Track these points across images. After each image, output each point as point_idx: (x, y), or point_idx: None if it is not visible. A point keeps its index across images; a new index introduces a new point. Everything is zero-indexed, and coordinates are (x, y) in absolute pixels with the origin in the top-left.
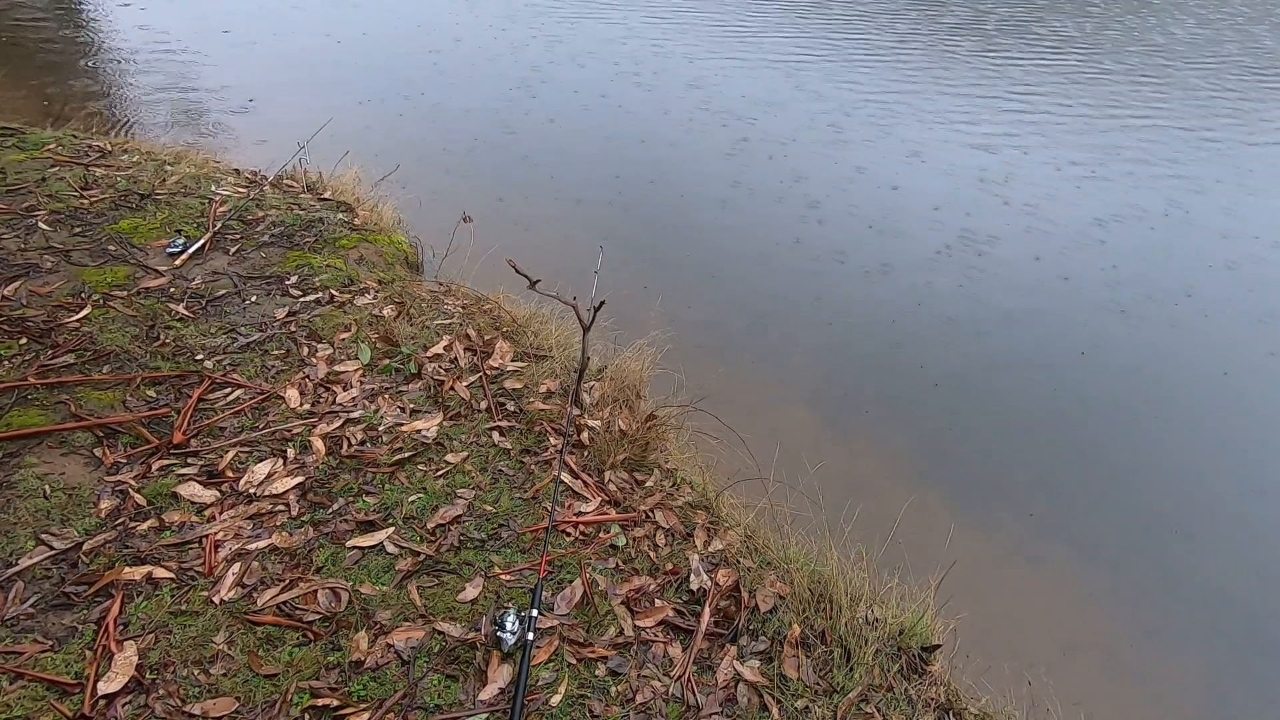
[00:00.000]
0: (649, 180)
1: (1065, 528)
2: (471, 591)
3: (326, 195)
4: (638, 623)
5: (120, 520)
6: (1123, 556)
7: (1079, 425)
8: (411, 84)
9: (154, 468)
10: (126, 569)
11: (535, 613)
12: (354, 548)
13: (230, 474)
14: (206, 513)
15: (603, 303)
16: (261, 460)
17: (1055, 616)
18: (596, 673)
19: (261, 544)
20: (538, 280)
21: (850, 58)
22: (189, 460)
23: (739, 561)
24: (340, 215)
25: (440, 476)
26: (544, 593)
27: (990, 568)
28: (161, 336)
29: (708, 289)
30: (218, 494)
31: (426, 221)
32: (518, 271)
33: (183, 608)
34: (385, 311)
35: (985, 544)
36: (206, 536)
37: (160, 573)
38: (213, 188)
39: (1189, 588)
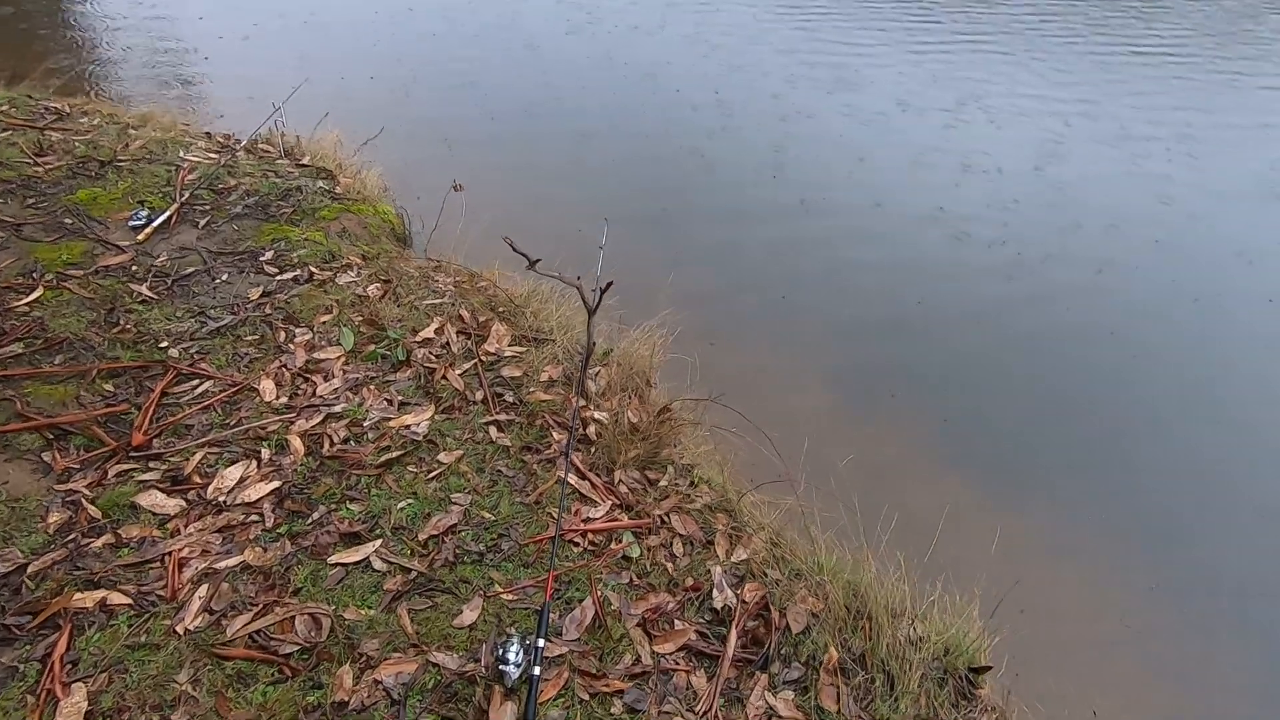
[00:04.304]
0: (647, 136)
1: (1101, 515)
2: (469, 614)
3: (305, 161)
4: (656, 648)
5: (71, 536)
6: (1162, 545)
7: (1114, 407)
8: (394, 43)
9: (110, 474)
10: (77, 594)
11: (542, 642)
12: (337, 564)
13: (197, 479)
14: (170, 526)
15: (610, 283)
16: (233, 463)
17: (1094, 611)
18: (612, 710)
19: (232, 561)
20: (538, 260)
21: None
22: (150, 464)
23: (765, 573)
24: (320, 183)
25: (432, 479)
26: (550, 613)
27: (1024, 559)
28: (121, 321)
29: (720, 261)
30: (183, 503)
31: (414, 189)
32: (515, 250)
33: (141, 640)
34: (370, 290)
35: (1020, 535)
36: (170, 554)
37: (116, 598)
38: (181, 153)
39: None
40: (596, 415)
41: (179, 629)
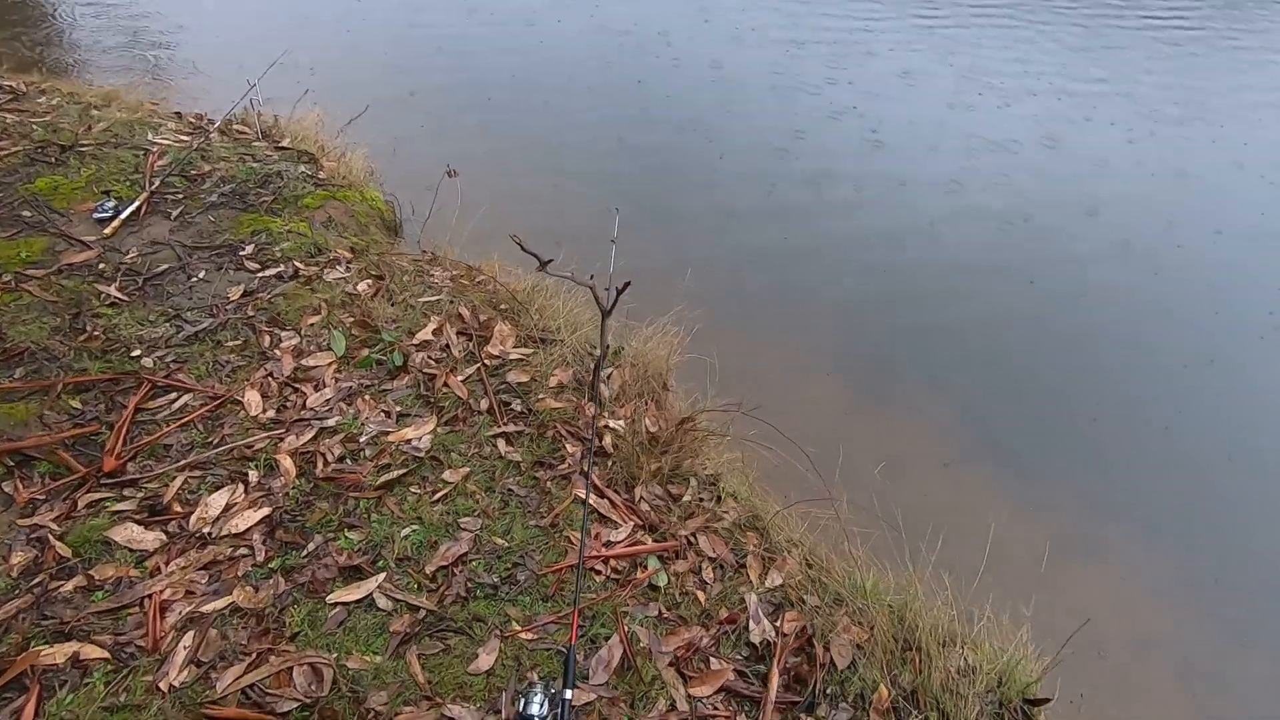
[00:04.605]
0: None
1: (1125, 506)
2: (486, 659)
3: (285, 143)
4: (692, 691)
5: (38, 580)
6: (1189, 537)
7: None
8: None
9: (81, 505)
10: (45, 649)
11: (569, 693)
12: (337, 604)
13: (178, 508)
14: (149, 563)
15: (627, 283)
16: (217, 488)
17: (1124, 609)
18: None
19: (220, 603)
20: (550, 260)
21: None
22: (125, 492)
23: (803, 599)
24: (302, 167)
25: (438, 501)
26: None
27: (1051, 557)
28: (89, 328)
29: (733, 251)
30: (162, 537)
31: (403, 172)
32: (524, 250)
33: (120, 700)
34: (361, 288)
35: (1041, 531)
36: (150, 597)
37: (91, 651)
38: (149, 136)
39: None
40: (612, 424)
41: (162, 685)
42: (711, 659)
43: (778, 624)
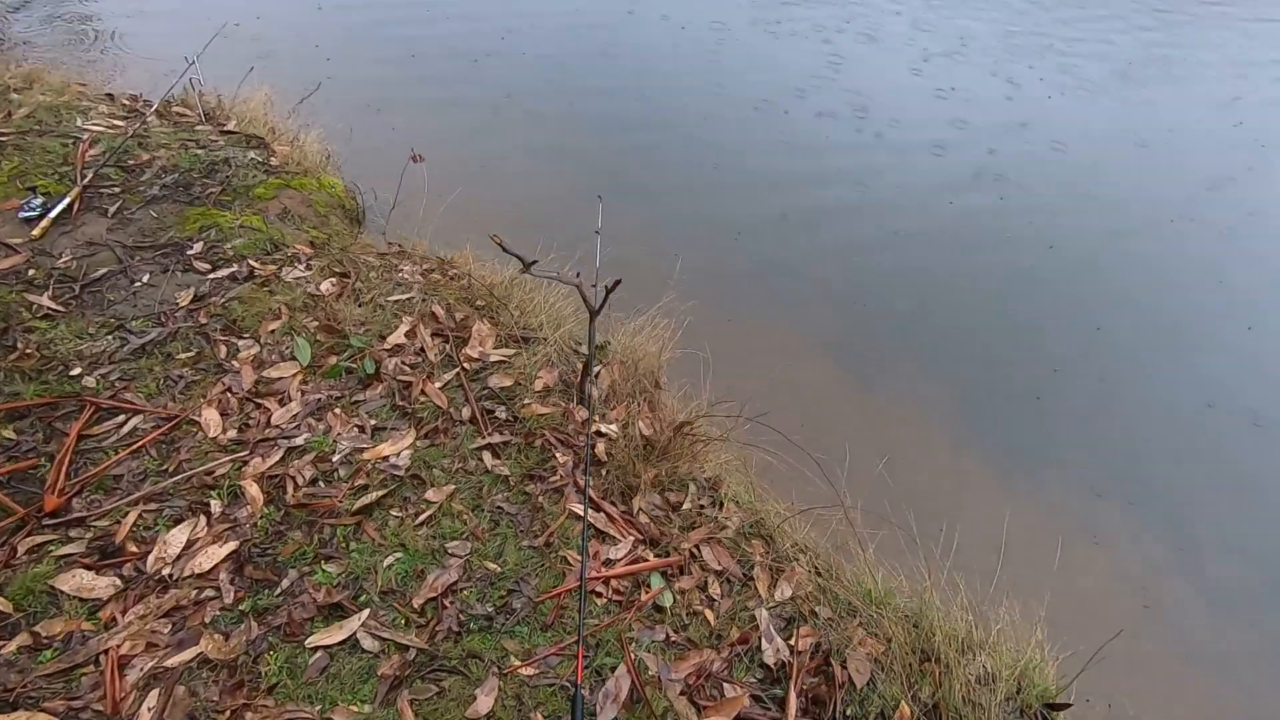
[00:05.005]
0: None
1: (1120, 486)
2: (485, 701)
3: (231, 126)
4: None
5: None
6: (1184, 516)
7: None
8: None
9: (21, 551)
10: None
11: None
12: (317, 648)
13: (133, 548)
14: (103, 614)
15: (618, 281)
16: (176, 522)
17: (1122, 592)
18: None
19: (186, 655)
20: (534, 261)
21: None
22: (72, 533)
23: (815, 612)
24: (252, 153)
25: (422, 524)
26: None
27: (1049, 540)
28: (20, 344)
29: (726, 236)
30: (117, 582)
31: (363, 154)
32: (506, 250)
33: None
34: (324, 287)
35: (1039, 513)
36: (106, 652)
37: None
38: (78, 122)
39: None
40: (604, 429)
41: None
42: (725, 684)
43: (791, 641)
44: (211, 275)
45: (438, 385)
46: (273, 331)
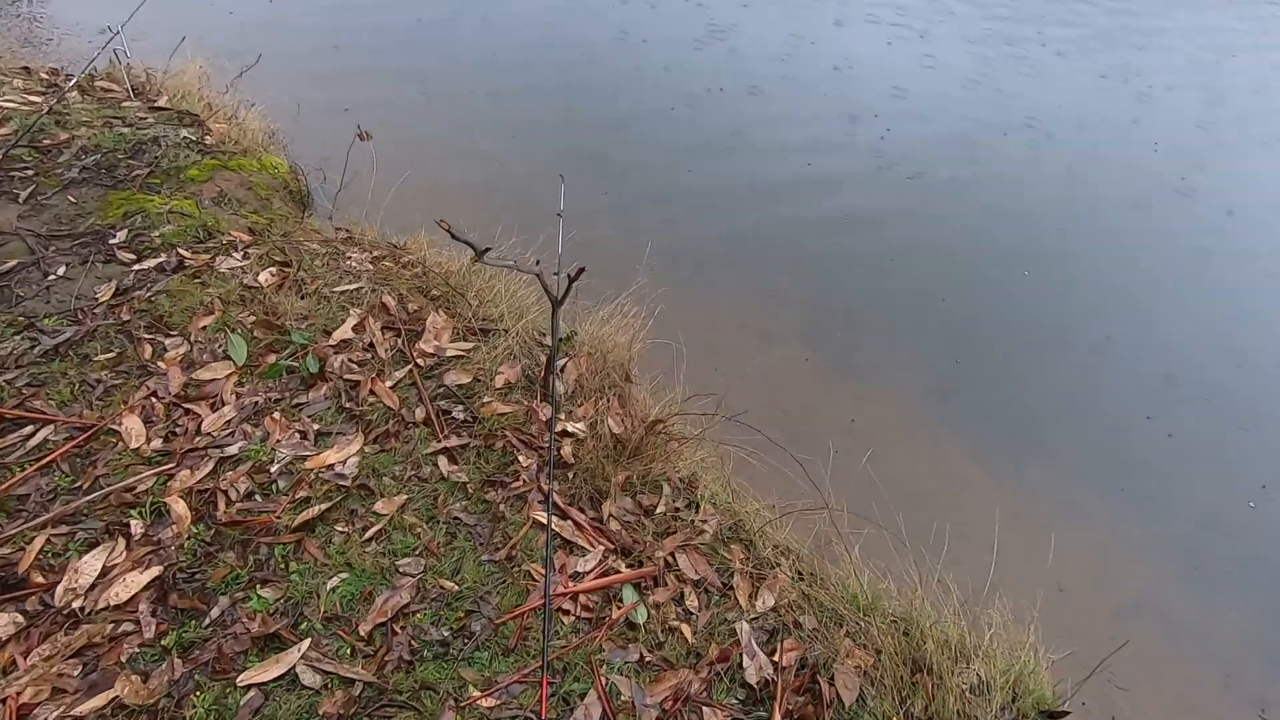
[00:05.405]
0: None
1: (1099, 468)
2: None
3: (162, 103)
4: None
5: None
6: (1167, 499)
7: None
8: None
9: None
10: None
11: None
12: (250, 686)
13: (39, 579)
14: (3, 656)
15: (581, 269)
16: (90, 547)
17: (1106, 576)
18: None
19: (99, 701)
20: (486, 249)
21: None
22: None
23: (799, 622)
24: (185, 132)
25: (370, 540)
26: (549, 714)
27: (1028, 525)
28: None
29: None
30: (19, 618)
31: (311, 133)
32: (456, 238)
33: None
34: (263, 278)
35: (1016, 498)
36: (4, 701)
37: None
38: None
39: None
40: (571, 428)
41: None
42: (704, 708)
43: (775, 657)
44: (136, 267)
45: (388, 384)
46: (204, 328)
